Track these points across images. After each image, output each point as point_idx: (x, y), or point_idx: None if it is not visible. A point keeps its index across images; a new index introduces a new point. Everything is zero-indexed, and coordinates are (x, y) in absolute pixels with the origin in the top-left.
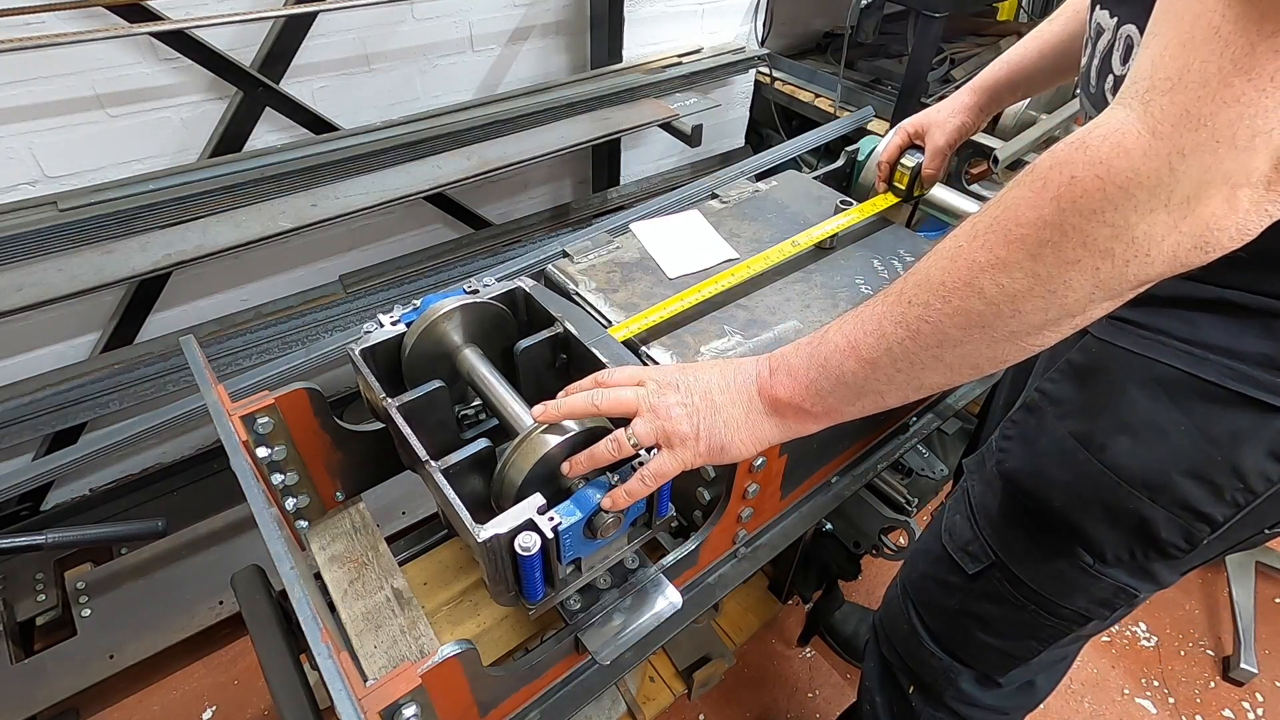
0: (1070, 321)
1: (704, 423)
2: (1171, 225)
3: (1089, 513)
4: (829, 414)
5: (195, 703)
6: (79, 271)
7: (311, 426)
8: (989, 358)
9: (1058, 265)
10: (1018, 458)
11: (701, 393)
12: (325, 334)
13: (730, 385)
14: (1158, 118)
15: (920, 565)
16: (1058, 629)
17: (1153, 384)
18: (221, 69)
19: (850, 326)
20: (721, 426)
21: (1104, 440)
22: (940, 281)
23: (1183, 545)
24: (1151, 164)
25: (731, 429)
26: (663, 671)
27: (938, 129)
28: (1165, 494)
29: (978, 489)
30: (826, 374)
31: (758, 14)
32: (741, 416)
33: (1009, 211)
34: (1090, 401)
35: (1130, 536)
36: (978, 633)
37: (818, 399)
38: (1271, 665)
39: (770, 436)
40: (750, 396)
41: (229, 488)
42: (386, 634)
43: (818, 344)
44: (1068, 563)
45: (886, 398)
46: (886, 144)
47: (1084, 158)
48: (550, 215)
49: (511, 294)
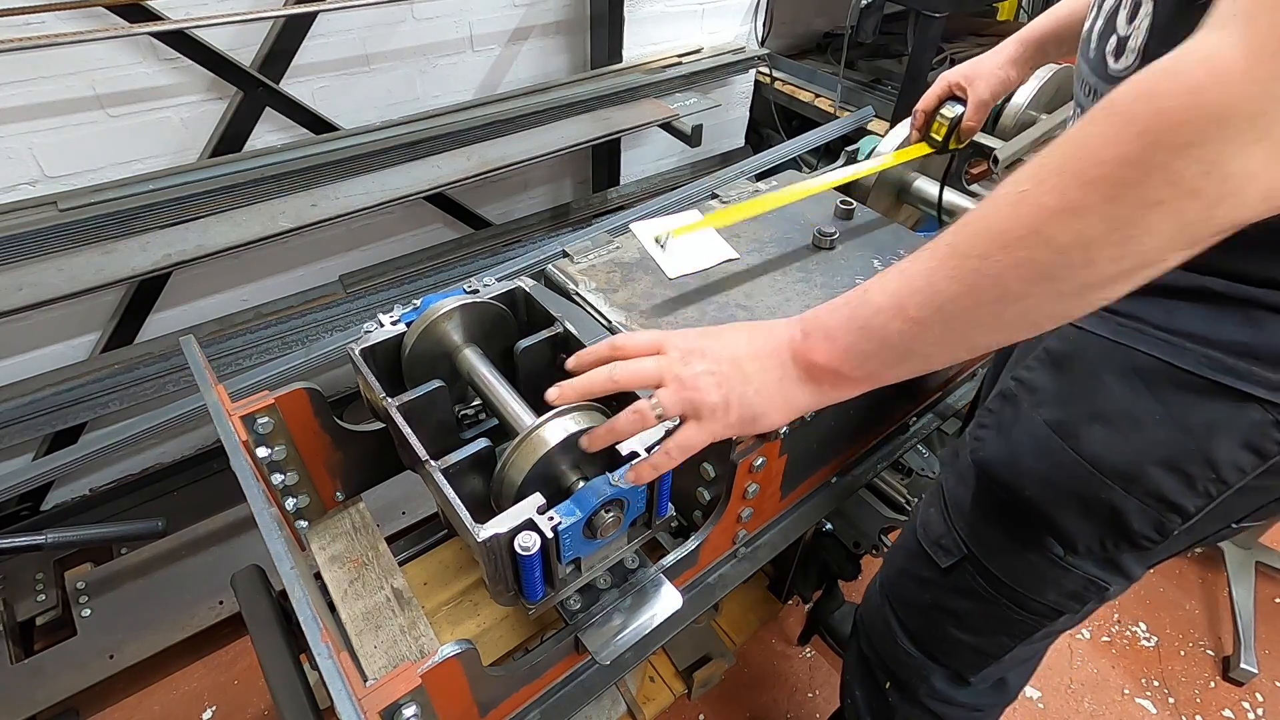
0: (1144, 272)
1: (734, 391)
2: (1271, 160)
3: (1062, 503)
4: (869, 379)
5: (195, 703)
6: (79, 271)
7: (311, 426)
8: (1051, 314)
9: (1138, 208)
10: (992, 447)
11: (730, 359)
12: (325, 334)
13: (760, 350)
14: (1262, 37)
15: (897, 560)
16: (1028, 624)
17: (1130, 373)
18: (221, 69)
19: (894, 283)
20: (753, 395)
21: (1079, 430)
22: (1001, 230)
23: (1154, 536)
24: (1252, 91)
25: (764, 397)
26: (663, 671)
27: (982, 80)
28: (1138, 484)
29: (950, 482)
30: (868, 336)
31: (758, 14)
32: (774, 383)
33: (1083, 150)
34: (1067, 390)
35: (1102, 527)
36: (950, 628)
37: (858, 363)
38: (1271, 665)
39: (805, 404)
40: (782, 362)
41: (229, 488)
42: (386, 634)
43: (856, 304)
44: (1039, 555)
45: (933, 360)
46: (924, 97)
47: (1174, 86)
48: (550, 215)
49: (511, 294)
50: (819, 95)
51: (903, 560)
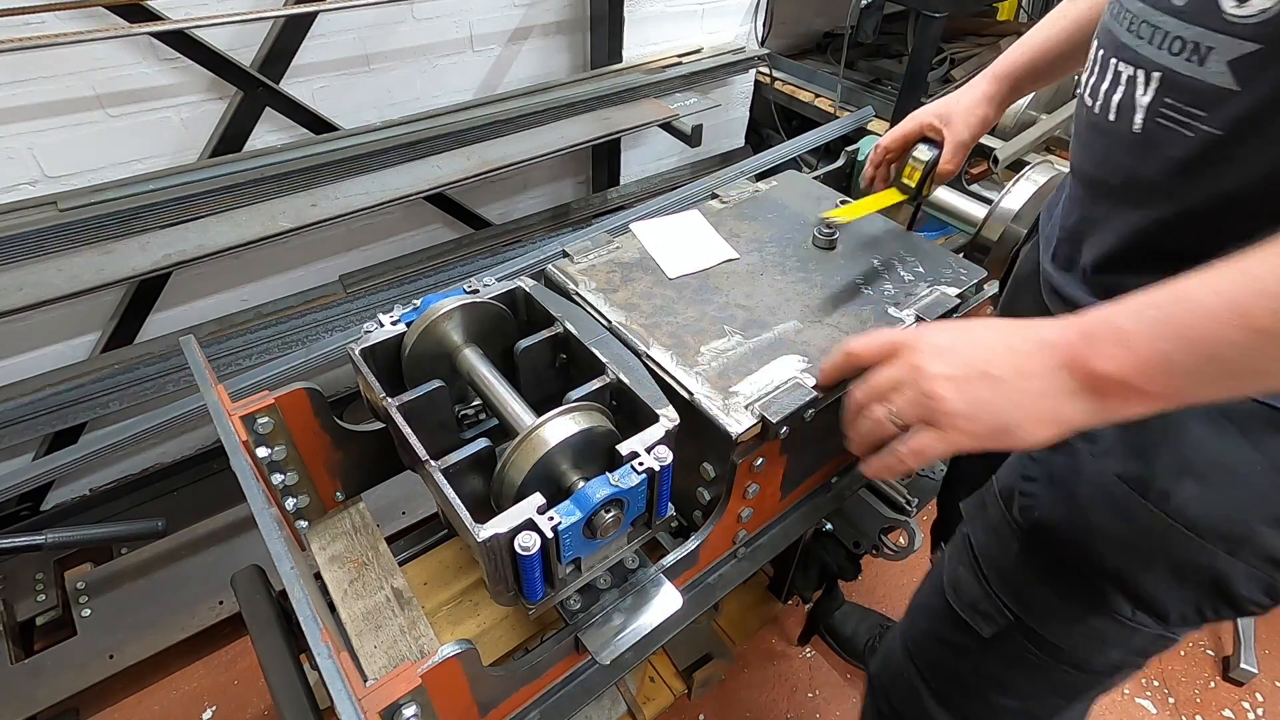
0: None
1: (981, 399)
2: None
3: (1148, 569)
4: (1173, 397)
5: (195, 703)
6: (79, 271)
7: (311, 426)
8: None
9: None
10: (1048, 507)
11: (980, 360)
12: (325, 334)
13: (1020, 351)
14: None
15: (921, 623)
16: (1088, 683)
17: (1218, 417)
18: (221, 69)
19: (1232, 283)
20: (1006, 405)
21: (1166, 486)
22: None
23: (1263, 601)
24: None
25: (1022, 409)
26: (663, 671)
27: (960, 121)
28: (1246, 546)
29: (981, 537)
30: (1187, 346)
31: (758, 14)
32: (1035, 392)
33: None
34: (1139, 439)
35: (1199, 593)
36: (994, 695)
37: (1164, 378)
38: (1271, 665)
39: (1078, 420)
40: (1050, 368)
41: (229, 488)
42: (386, 634)
43: (1169, 304)
44: (1104, 618)
45: (1269, 380)
46: (890, 134)
47: None
48: (550, 215)
49: (511, 294)
50: (819, 95)
51: (929, 623)
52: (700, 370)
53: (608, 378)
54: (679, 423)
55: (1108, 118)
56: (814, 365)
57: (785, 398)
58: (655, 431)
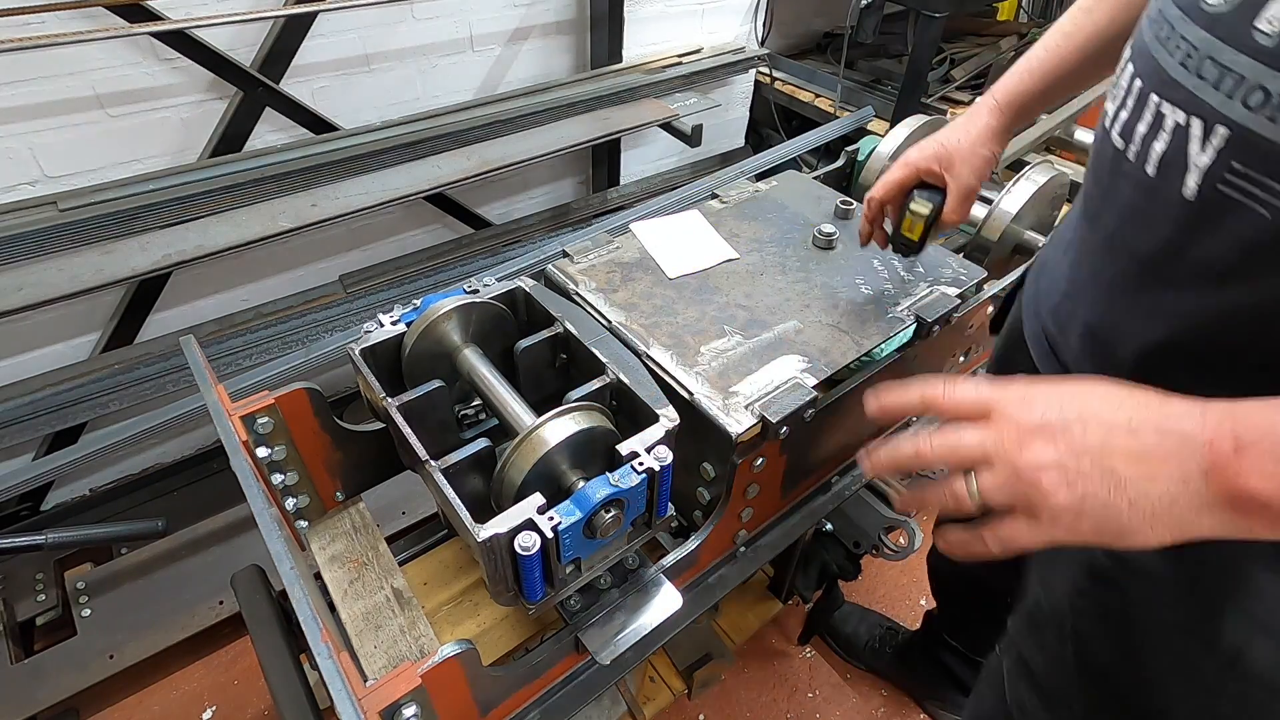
0: None
1: (1093, 497)
2: None
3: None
4: None
5: (195, 703)
6: (79, 271)
7: (311, 426)
8: None
9: None
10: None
11: (1097, 451)
12: (325, 334)
13: (1151, 449)
14: None
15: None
16: None
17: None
18: (221, 69)
19: None
20: (1124, 508)
21: (1238, 644)
22: None
23: None
24: None
25: (1142, 514)
26: (663, 671)
27: (962, 164)
28: None
29: (1041, 665)
30: None
31: (758, 14)
32: (1164, 497)
33: None
34: (1194, 584)
35: None
36: None
37: None
38: None
39: (1204, 531)
40: (1187, 474)
41: (229, 488)
42: (386, 634)
43: None
44: None
45: None
46: (883, 184)
47: None
48: (550, 215)
49: (511, 294)
50: (819, 95)
51: None
52: (700, 370)
53: (608, 378)
54: (679, 423)
55: (1145, 170)
56: (814, 365)
57: (785, 398)
58: (655, 431)
